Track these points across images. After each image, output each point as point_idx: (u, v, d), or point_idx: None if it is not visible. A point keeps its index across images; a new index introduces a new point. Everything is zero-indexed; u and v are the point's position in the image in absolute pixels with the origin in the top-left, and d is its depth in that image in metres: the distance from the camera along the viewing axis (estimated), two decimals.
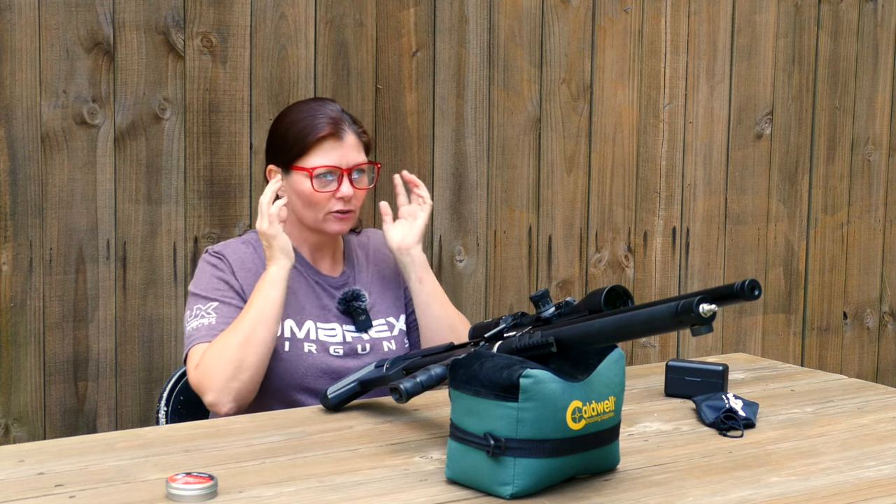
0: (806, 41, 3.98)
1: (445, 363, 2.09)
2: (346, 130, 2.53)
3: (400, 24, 3.32)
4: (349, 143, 2.53)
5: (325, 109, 2.55)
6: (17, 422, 2.95)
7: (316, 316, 2.55)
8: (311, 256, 2.61)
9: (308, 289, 2.57)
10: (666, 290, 3.80)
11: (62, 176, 2.95)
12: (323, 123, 2.52)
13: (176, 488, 1.80)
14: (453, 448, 1.90)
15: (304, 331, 2.52)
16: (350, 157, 2.53)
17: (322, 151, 2.51)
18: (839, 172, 4.10)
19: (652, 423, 2.29)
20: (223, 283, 2.51)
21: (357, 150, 2.55)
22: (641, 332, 1.88)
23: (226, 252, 2.55)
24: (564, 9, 3.55)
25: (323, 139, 2.51)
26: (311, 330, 2.53)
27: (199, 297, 2.50)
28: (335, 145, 2.52)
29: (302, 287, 2.56)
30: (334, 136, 2.52)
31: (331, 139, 2.52)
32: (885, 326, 4.27)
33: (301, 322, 2.53)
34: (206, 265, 2.55)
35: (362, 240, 2.72)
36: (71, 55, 2.93)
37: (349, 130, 2.54)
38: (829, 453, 2.12)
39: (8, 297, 2.92)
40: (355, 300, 2.57)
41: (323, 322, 2.55)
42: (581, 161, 3.63)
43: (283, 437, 2.16)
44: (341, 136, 2.52)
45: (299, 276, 2.56)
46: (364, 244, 2.71)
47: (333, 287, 2.60)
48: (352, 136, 2.54)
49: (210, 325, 2.46)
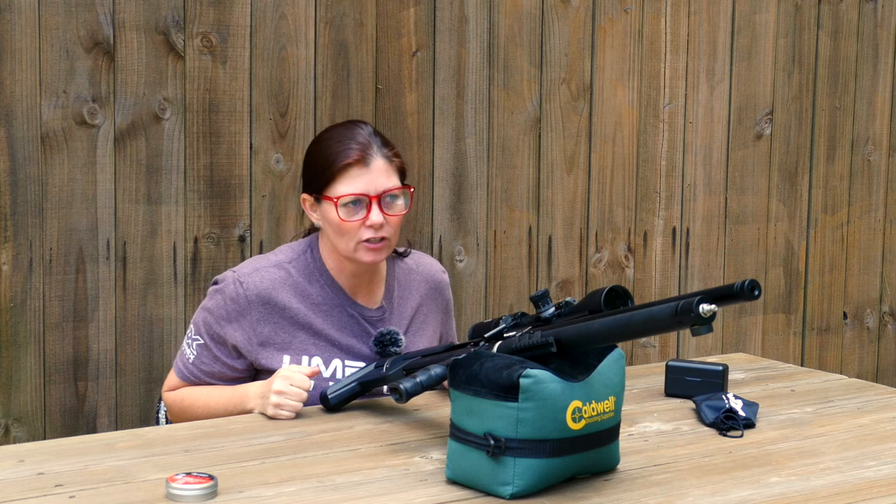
0: (806, 41, 3.98)
1: (445, 363, 2.10)
2: (373, 156, 2.41)
3: (400, 24, 3.32)
4: (377, 168, 2.41)
5: (354, 134, 2.44)
6: (17, 422, 2.95)
7: (345, 353, 2.47)
8: (350, 285, 2.49)
9: (341, 322, 2.47)
10: (666, 290, 3.80)
11: (62, 176, 2.95)
12: (348, 150, 2.41)
13: (176, 488, 1.81)
14: (453, 448, 1.90)
15: (330, 370, 2.45)
16: (378, 182, 2.40)
17: (348, 179, 2.40)
18: (839, 172, 4.10)
19: (652, 423, 2.29)
20: (219, 331, 2.44)
21: (387, 175, 2.42)
22: (641, 333, 1.88)
23: (249, 284, 2.43)
24: (564, 9, 3.55)
25: (348, 166, 2.40)
26: (337, 369, 2.45)
27: (197, 325, 2.48)
28: (361, 171, 2.40)
29: (335, 320, 2.47)
30: (360, 163, 2.40)
31: (357, 166, 2.40)
32: (885, 326, 4.27)
33: (328, 360, 2.45)
34: (220, 298, 2.45)
35: (409, 264, 2.60)
36: (71, 55, 2.93)
37: (378, 155, 2.42)
38: (829, 453, 2.12)
39: (8, 297, 2.92)
40: (392, 345, 2.42)
41: (351, 360, 2.47)
42: (581, 161, 3.63)
43: (283, 437, 2.16)
44: (368, 161, 2.40)
45: (335, 307, 2.47)
46: (409, 271, 2.59)
47: (368, 321, 2.49)
48: (380, 161, 2.41)
49: (187, 362, 2.49)
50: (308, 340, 2.44)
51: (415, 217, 3.38)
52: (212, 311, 2.45)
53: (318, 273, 2.48)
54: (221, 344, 2.45)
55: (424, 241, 3.39)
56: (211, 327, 2.45)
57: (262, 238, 3.16)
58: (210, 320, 2.46)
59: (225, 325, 2.43)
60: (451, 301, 2.68)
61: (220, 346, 2.45)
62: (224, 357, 2.45)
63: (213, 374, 2.45)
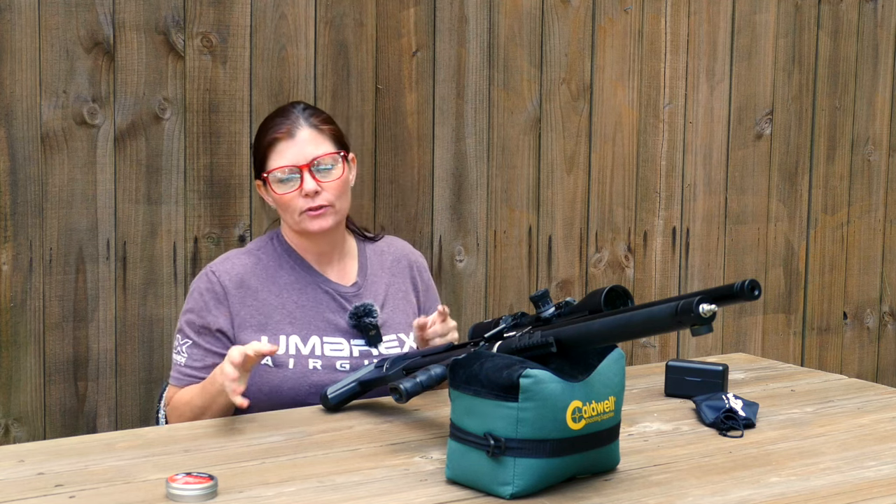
0: (806, 41, 3.98)
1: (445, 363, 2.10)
2: (299, 127, 2.48)
3: (400, 24, 3.32)
4: (303, 138, 2.48)
5: (283, 112, 2.54)
6: (17, 422, 2.95)
7: (322, 330, 2.50)
8: (318, 262, 2.56)
9: (316, 299, 2.52)
10: (666, 290, 3.80)
11: (62, 176, 2.95)
12: (276, 126, 2.50)
13: (176, 488, 1.81)
14: (453, 448, 1.90)
15: (308, 346, 2.48)
16: (306, 151, 2.47)
17: (277, 153, 2.48)
18: (839, 172, 4.10)
19: (652, 423, 2.29)
20: (201, 322, 2.48)
21: (315, 144, 2.48)
22: (641, 333, 1.88)
23: (221, 271, 2.50)
24: (564, 9, 3.55)
25: (275, 141, 2.48)
26: (316, 345, 2.49)
27: (181, 330, 2.51)
28: (288, 144, 2.47)
29: (309, 298, 2.52)
30: (286, 136, 2.48)
31: (283, 139, 2.48)
32: (885, 326, 4.27)
33: (306, 337, 2.49)
34: (196, 293, 2.51)
35: (381, 247, 2.66)
36: (71, 55, 2.93)
37: (304, 125, 2.49)
38: (829, 453, 2.12)
39: (8, 297, 2.92)
40: (366, 316, 2.50)
41: (329, 336, 2.50)
42: (581, 161, 3.63)
43: (283, 437, 2.16)
44: (293, 133, 2.48)
45: (307, 284, 2.53)
46: (381, 252, 2.65)
47: (344, 297, 2.54)
48: (306, 131, 2.48)
49: (179, 366, 2.50)
50: (284, 320, 2.49)
51: (415, 217, 3.38)
52: (191, 309, 2.50)
53: (287, 255, 2.55)
54: (208, 334, 2.48)
55: (424, 241, 3.39)
56: (194, 323, 2.49)
57: None
58: (192, 318, 2.50)
59: (206, 314, 2.48)
60: (432, 285, 2.72)
61: (207, 337, 2.48)
62: (214, 347, 2.47)
63: (208, 367, 2.46)
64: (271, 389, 2.44)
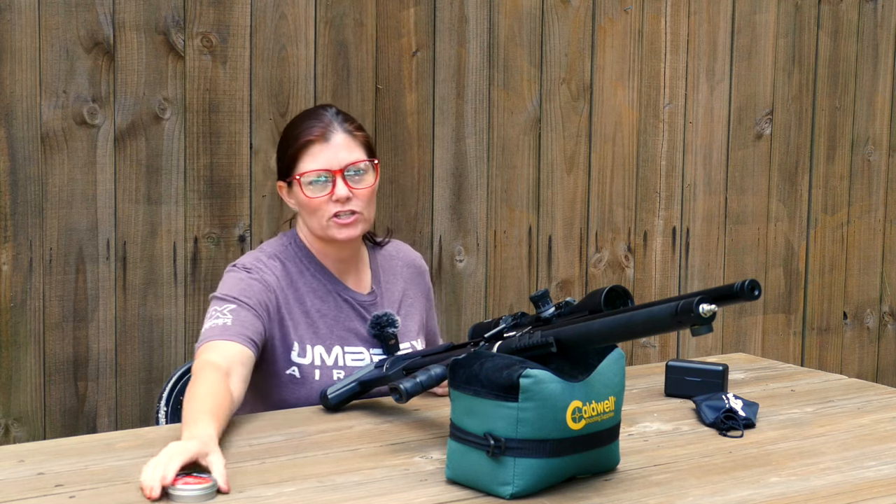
0: (806, 41, 3.98)
1: (445, 363, 2.10)
2: (334, 131, 2.44)
3: (400, 24, 3.32)
4: (337, 142, 2.43)
5: (315, 114, 2.48)
6: (17, 422, 2.95)
7: (343, 339, 2.47)
8: (337, 270, 2.51)
9: (336, 308, 2.48)
10: (666, 290, 3.80)
11: (62, 176, 2.95)
12: (309, 129, 2.44)
13: (176, 488, 1.80)
14: (453, 448, 1.90)
15: (332, 357, 2.45)
16: (340, 156, 2.42)
17: (310, 156, 2.43)
18: (839, 172, 4.10)
19: (652, 423, 2.29)
20: (248, 288, 2.38)
21: (349, 150, 2.44)
22: (641, 332, 1.88)
23: (253, 268, 2.43)
24: (564, 9, 3.55)
25: (309, 143, 2.43)
26: (339, 356, 2.46)
27: (218, 300, 2.39)
28: (322, 147, 2.42)
29: (331, 306, 2.48)
30: (321, 139, 2.43)
31: (318, 142, 2.43)
32: (885, 326, 4.27)
33: (329, 348, 2.45)
34: (233, 276, 2.42)
35: (389, 251, 2.63)
36: (71, 55, 2.93)
37: (338, 130, 2.44)
38: (829, 453, 2.12)
39: (8, 297, 2.92)
40: (389, 326, 2.45)
41: (350, 345, 2.48)
42: (581, 161, 3.63)
43: (283, 437, 2.16)
44: (328, 137, 2.43)
45: (328, 293, 2.48)
46: (391, 257, 2.62)
47: (362, 306, 2.51)
48: (341, 136, 2.44)
49: (224, 326, 2.31)
50: (309, 330, 2.45)
51: (415, 217, 3.38)
52: (232, 280, 2.40)
53: (307, 260, 2.50)
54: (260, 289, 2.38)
55: (424, 241, 3.39)
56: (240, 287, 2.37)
57: (261, 238, 3.15)
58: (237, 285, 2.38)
59: (252, 282, 2.39)
60: (432, 290, 2.71)
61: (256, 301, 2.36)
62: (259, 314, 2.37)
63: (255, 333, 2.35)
64: (296, 401, 2.41)
